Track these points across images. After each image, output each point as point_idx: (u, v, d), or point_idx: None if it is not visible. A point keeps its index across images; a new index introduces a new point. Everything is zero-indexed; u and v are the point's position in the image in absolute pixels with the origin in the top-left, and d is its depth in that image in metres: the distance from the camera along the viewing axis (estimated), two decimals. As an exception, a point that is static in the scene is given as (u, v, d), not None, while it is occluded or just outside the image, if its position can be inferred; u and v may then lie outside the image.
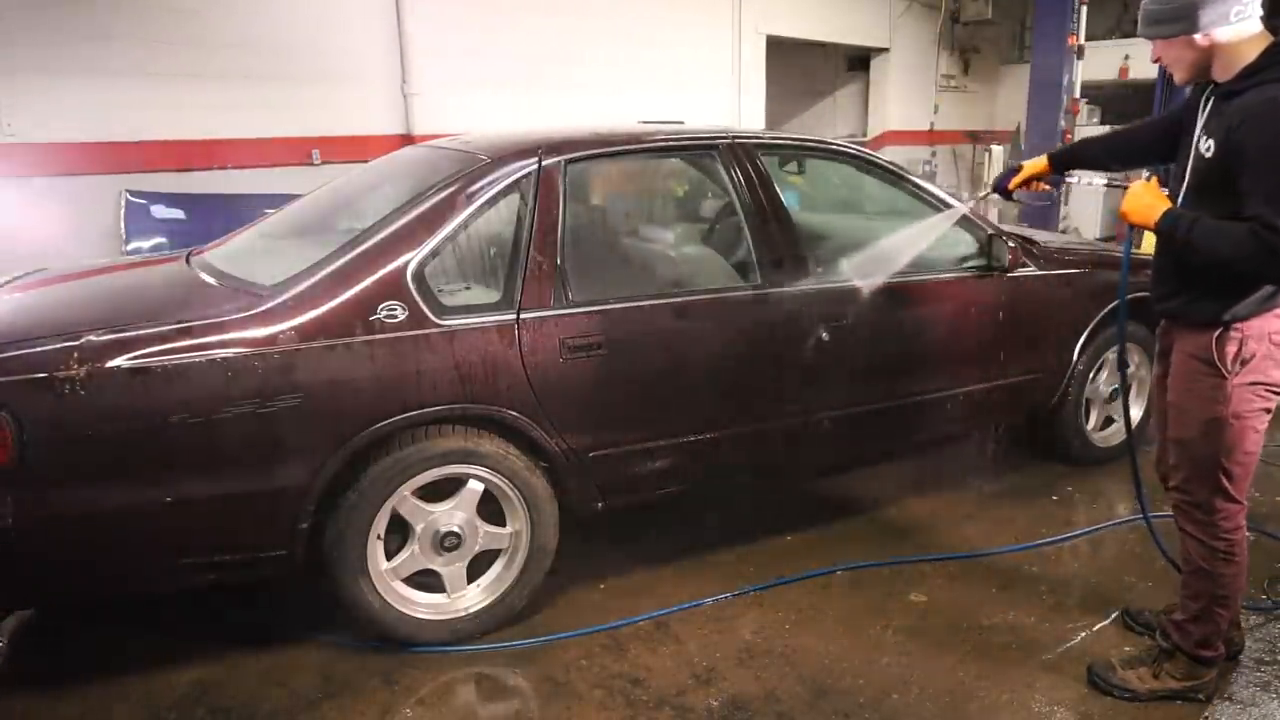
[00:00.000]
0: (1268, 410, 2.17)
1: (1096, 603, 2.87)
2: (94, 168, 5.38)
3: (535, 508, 2.65)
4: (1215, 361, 2.14)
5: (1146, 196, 2.16)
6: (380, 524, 2.50)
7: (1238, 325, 2.11)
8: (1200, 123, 2.14)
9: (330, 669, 2.54)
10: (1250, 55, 2.02)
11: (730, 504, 3.47)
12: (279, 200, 4.05)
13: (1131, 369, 3.97)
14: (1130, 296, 3.73)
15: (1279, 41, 2.03)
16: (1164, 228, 2.11)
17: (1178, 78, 2.15)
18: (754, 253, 3.01)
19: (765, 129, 8.42)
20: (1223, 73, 2.07)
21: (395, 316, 2.45)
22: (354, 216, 2.86)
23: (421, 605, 2.62)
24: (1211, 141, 2.06)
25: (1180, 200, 2.18)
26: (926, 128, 11.32)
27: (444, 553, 2.60)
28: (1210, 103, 2.13)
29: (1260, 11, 2.02)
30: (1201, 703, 2.36)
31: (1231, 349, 2.12)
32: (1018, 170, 2.84)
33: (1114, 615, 2.78)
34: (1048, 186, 2.85)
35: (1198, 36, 2.04)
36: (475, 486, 2.60)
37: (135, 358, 2.19)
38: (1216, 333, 2.13)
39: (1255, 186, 1.95)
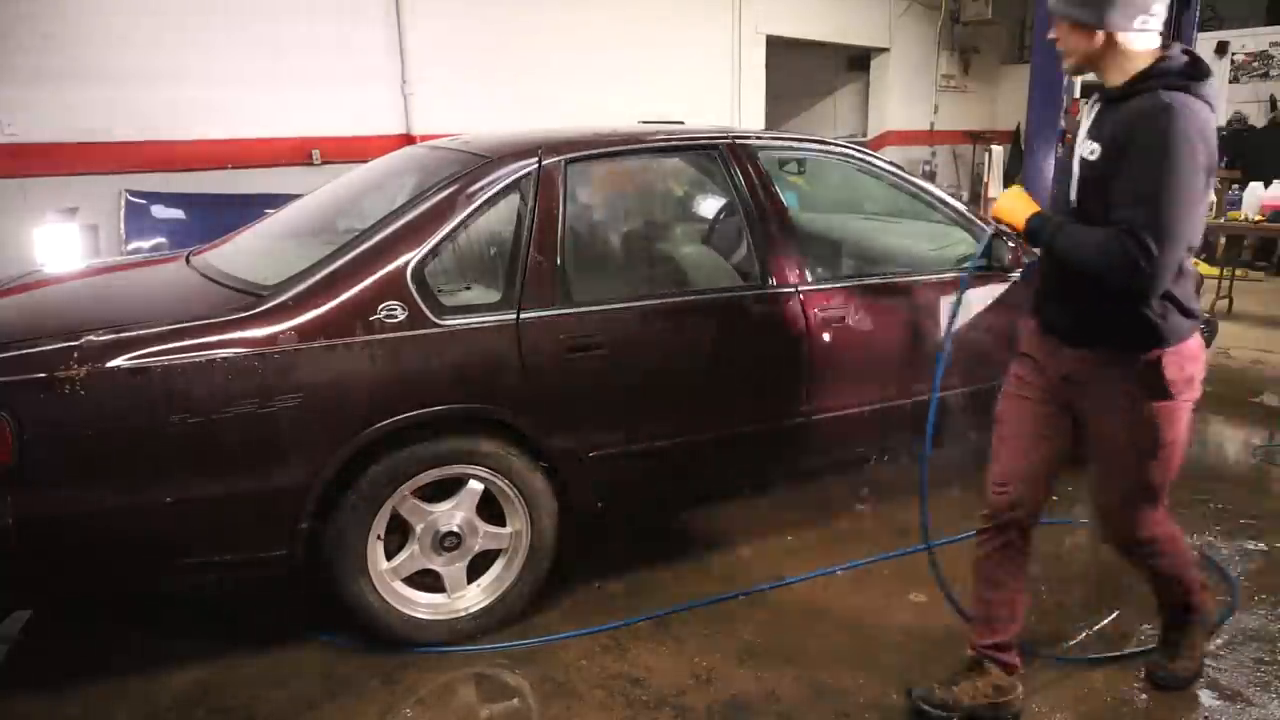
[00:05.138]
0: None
1: (1097, 601, 2.87)
2: (94, 168, 5.39)
3: (535, 508, 2.65)
4: (1164, 384, 2.05)
5: (1018, 200, 2.16)
6: (380, 524, 2.50)
7: (1177, 346, 2.06)
8: (1084, 129, 2.10)
9: (330, 669, 2.54)
10: (1143, 64, 2.00)
11: (730, 504, 3.47)
12: (279, 200, 4.05)
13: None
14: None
15: (1168, 53, 2.00)
16: (1032, 227, 2.10)
17: (1066, 66, 2.11)
18: (754, 253, 3.01)
19: (765, 129, 8.42)
20: (1112, 76, 2.03)
21: (395, 316, 2.45)
22: (354, 216, 2.86)
23: (421, 605, 2.62)
24: (1096, 145, 2.02)
25: (1068, 212, 2.12)
26: (926, 128, 11.32)
27: (444, 553, 2.60)
28: (1097, 109, 2.09)
29: (1159, 26, 1.99)
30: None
31: (1175, 371, 2.06)
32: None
33: (1116, 614, 2.79)
34: None
35: (1100, 32, 2.00)
36: (475, 486, 2.60)
37: (135, 358, 2.19)
38: (1161, 354, 2.04)
39: (1128, 188, 1.92)
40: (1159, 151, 1.88)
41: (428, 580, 2.63)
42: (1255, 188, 7.08)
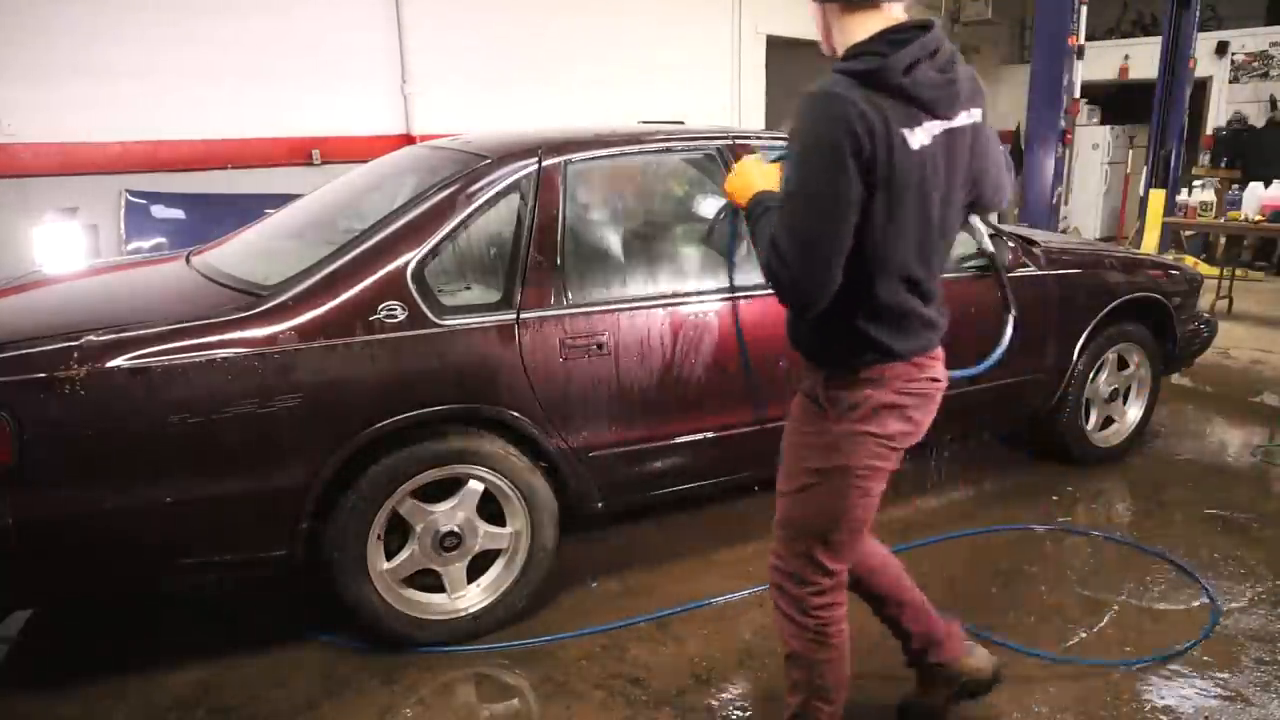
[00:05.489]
0: (881, 469, 1.82)
1: (1097, 601, 2.87)
2: (94, 168, 5.38)
3: (535, 508, 2.65)
4: (825, 399, 1.79)
5: (749, 174, 1.84)
6: (380, 524, 2.50)
7: (863, 372, 1.77)
8: None
9: (330, 669, 2.54)
10: (858, 39, 1.69)
11: (730, 504, 3.47)
12: (279, 200, 4.05)
13: (1131, 369, 3.98)
14: (1132, 297, 3.78)
15: (887, 30, 1.68)
16: (749, 206, 1.80)
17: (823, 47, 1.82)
18: (752, 252, 3.01)
19: (765, 129, 8.41)
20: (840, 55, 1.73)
21: (395, 316, 2.45)
22: (354, 216, 2.86)
23: (422, 605, 2.61)
24: None
25: None
26: (926, 128, 11.30)
27: (444, 553, 2.60)
28: None
29: None
30: None
31: (846, 392, 1.78)
32: None
33: (1110, 614, 2.79)
34: None
35: (817, 5, 1.75)
36: (475, 486, 2.60)
37: (135, 358, 2.19)
38: (829, 371, 1.80)
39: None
40: (795, 146, 1.64)
41: (428, 580, 2.63)
42: (1255, 188, 7.07)
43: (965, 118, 1.73)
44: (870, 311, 1.73)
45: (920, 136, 1.64)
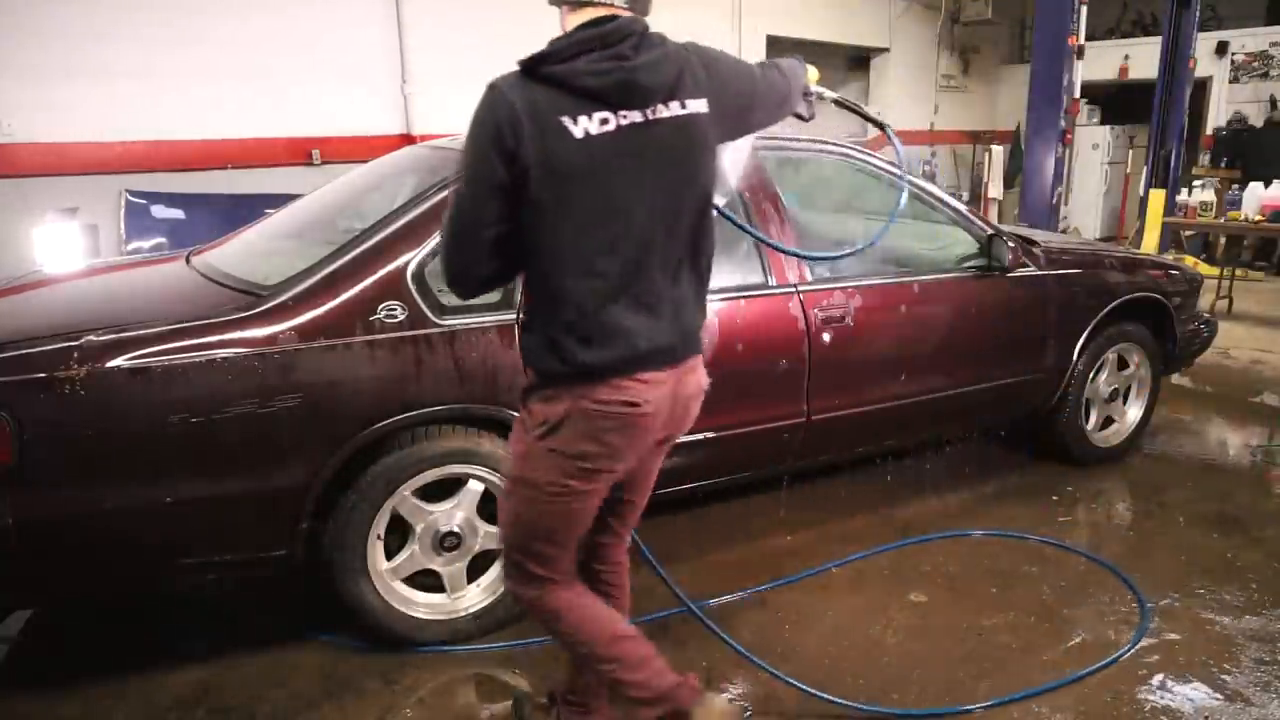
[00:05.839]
0: (575, 490, 1.75)
1: (1096, 603, 2.87)
2: (94, 168, 5.39)
3: (535, 508, 2.65)
4: (521, 412, 1.79)
5: None
6: (380, 524, 2.50)
7: (552, 385, 1.72)
8: None
9: (330, 669, 2.54)
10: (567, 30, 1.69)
11: (729, 504, 3.47)
12: (279, 200, 4.05)
13: (1131, 369, 3.98)
14: (1132, 297, 3.78)
15: (586, 24, 1.68)
16: None
17: None
18: (754, 252, 3.01)
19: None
20: None
21: (395, 316, 2.45)
22: (354, 216, 2.86)
23: (422, 605, 2.61)
24: None
25: None
26: (927, 128, 11.32)
27: (444, 553, 2.60)
28: None
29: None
30: None
31: (535, 405, 1.75)
32: None
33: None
34: None
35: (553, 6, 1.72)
36: (475, 486, 2.60)
37: (135, 358, 2.19)
38: (529, 378, 1.78)
39: None
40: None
41: (428, 580, 2.63)
42: (1255, 188, 7.08)
43: (675, 109, 1.67)
44: (554, 311, 1.70)
45: (589, 125, 1.59)
